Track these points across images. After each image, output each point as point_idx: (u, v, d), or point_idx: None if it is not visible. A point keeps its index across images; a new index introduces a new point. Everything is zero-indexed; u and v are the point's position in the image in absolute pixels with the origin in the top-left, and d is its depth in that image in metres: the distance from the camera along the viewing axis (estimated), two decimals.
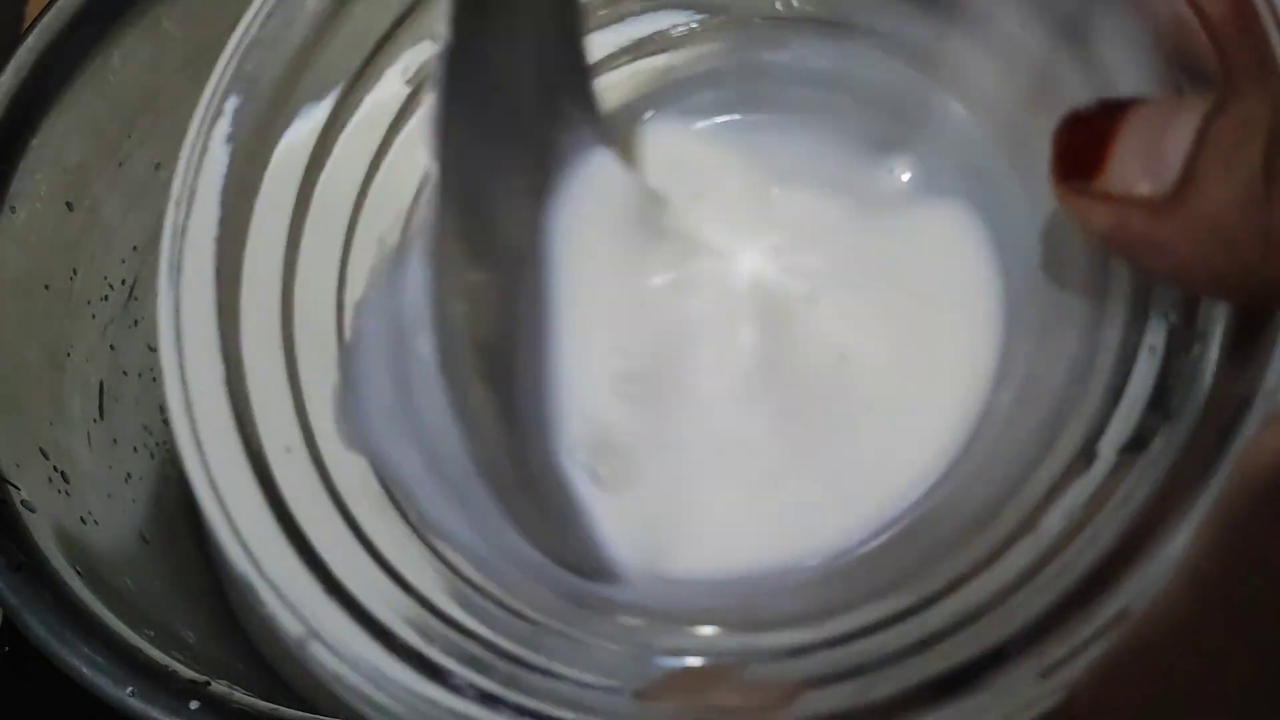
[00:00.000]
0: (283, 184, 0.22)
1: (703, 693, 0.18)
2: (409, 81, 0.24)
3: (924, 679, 0.16)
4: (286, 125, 0.22)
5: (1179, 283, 0.18)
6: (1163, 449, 0.17)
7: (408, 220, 0.24)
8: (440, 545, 0.20)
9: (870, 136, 0.25)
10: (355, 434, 0.21)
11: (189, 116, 0.21)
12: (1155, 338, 0.18)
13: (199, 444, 0.19)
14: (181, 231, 0.20)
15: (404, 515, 0.20)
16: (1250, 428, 0.16)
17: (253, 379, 0.20)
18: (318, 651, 0.17)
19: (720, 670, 0.18)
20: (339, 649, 0.18)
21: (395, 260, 0.24)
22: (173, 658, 0.31)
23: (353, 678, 0.17)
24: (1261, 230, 0.15)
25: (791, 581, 0.21)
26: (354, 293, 0.23)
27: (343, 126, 0.22)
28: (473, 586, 0.19)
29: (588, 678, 0.18)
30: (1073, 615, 0.16)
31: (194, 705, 0.29)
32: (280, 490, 0.19)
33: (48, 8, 0.36)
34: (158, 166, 0.40)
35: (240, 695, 0.30)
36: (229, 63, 0.21)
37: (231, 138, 0.21)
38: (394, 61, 0.23)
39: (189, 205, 0.21)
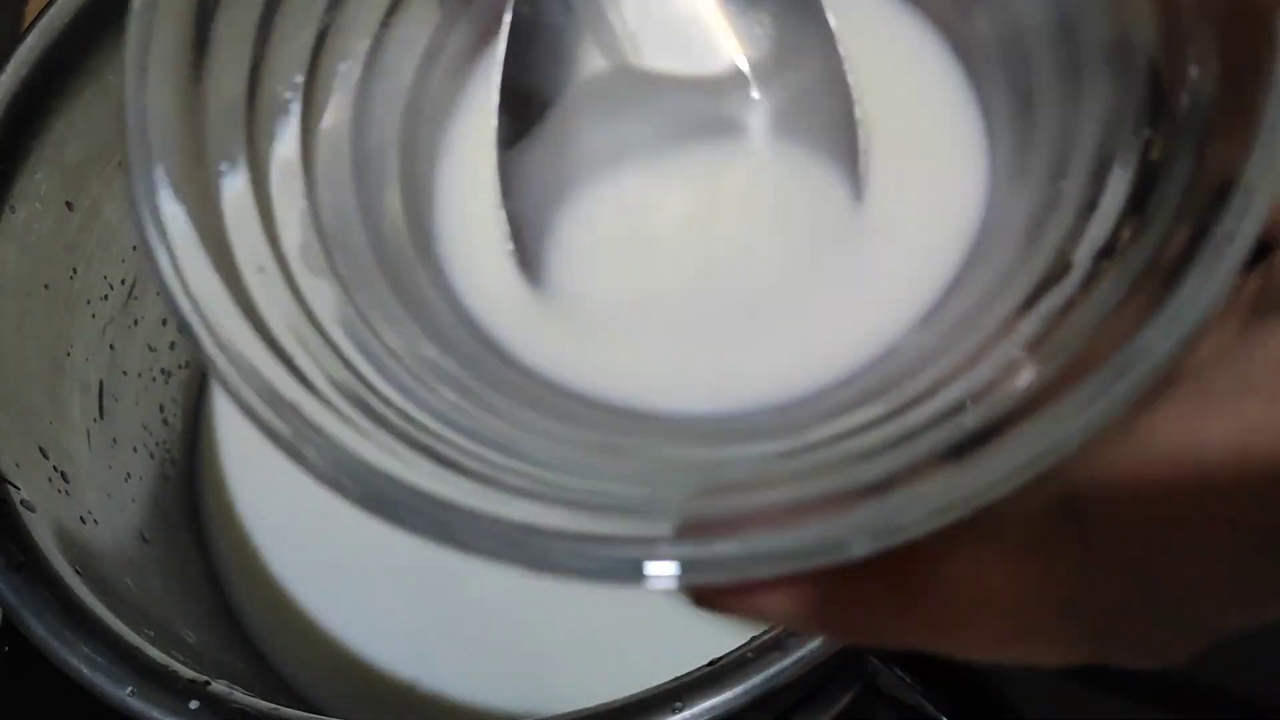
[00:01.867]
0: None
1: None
2: None
3: (920, 455, 0.16)
4: None
5: None
6: (1138, 250, 0.16)
7: (373, 46, 0.23)
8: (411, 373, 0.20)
9: None
10: (325, 260, 0.20)
11: None
12: (1129, 151, 0.18)
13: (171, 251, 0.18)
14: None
15: (383, 342, 0.20)
16: (1232, 218, 0.15)
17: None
18: (310, 454, 0.17)
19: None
20: (330, 451, 0.17)
21: (359, 91, 0.23)
22: (173, 658, 0.31)
23: (347, 480, 0.17)
24: None
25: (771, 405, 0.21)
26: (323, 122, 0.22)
27: None
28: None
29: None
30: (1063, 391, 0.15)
31: (194, 705, 0.29)
32: (257, 307, 0.18)
33: (47, 8, 0.36)
34: None
35: (240, 695, 0.30)
36: None
37: None
38: None
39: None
